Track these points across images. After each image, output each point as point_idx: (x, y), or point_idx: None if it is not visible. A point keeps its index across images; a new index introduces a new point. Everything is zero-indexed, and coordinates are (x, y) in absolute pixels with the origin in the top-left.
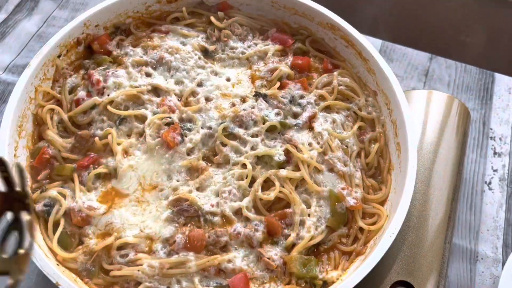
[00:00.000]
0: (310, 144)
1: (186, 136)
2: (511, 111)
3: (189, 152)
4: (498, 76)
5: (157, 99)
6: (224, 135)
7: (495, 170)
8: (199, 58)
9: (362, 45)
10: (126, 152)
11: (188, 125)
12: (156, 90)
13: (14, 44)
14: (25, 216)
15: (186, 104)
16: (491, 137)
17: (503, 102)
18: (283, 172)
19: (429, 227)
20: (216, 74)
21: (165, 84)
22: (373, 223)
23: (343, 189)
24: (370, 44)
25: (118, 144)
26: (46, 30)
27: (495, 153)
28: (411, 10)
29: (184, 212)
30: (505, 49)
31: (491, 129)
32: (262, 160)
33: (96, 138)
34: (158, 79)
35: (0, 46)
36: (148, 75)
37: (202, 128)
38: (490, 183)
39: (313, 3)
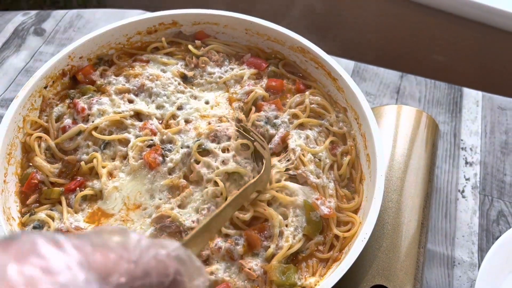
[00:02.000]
0: (280, 161)
1: (167, 157)
2: (479, 123)
3: (171, 171)
4: (466, 91)
5: (139, 123)
6: (199, 152)
7: (467, 179)
8: (179, 83)
9: (331, 66)
10: (110, 174)
11: (169, 146)
12: (138, 115)
13: (3, 80)
14: None
15: (167, 126)
16: (462, 148)
17: (472, 114)
18: (253, 196)
19: (403, 233)
20: (195, 98)
21: (146, 109)
22: (348, 230)
23: (317, 199)
24: (338, 64)
25: (103, 167)
26: (34, 64)
27: (466, 162)
28: (384, 33)
29: (166, 228)
30: (472, 65)
31: (462, 140)
32: (232, 177)
33: (82, 163)
34: (140, 104)
35: None
36: (130, 101)
37: (182, 148)
38: (463, 191)
39: (284, 29)
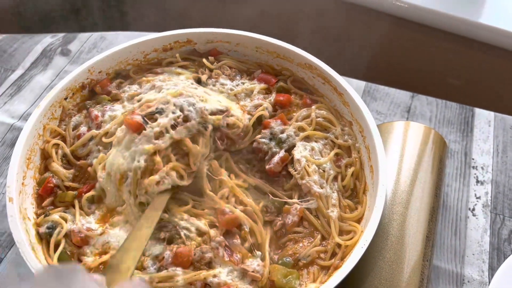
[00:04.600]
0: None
1: (151, 118)
2: (491, 142)
3: (158, 137)
4: (478, 111)
5: None
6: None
7: (478, 197)
8: (192, 83)
9: (337, 81)
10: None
11: (161, 106)
12: None
13: (29, 96)
14: None
15: None
16: (473, 167)
17: (484, 134)
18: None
19: (408, 245)
20: (208, 95)
21: (153, 98)
22: (350, 239)
23: (290, 208)
24: (344, 80)
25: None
26: (58, 82)
27: (477, 181)
28: (397, 56)
29: (163, 228)
30: (487, 88)
31: (473, 159)
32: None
33: (89, 168)
34: (148, 95)
35: (17, 98)
36: (139, 101)
37: (175, 113)
38: (473, 209)
39: (292, 46)
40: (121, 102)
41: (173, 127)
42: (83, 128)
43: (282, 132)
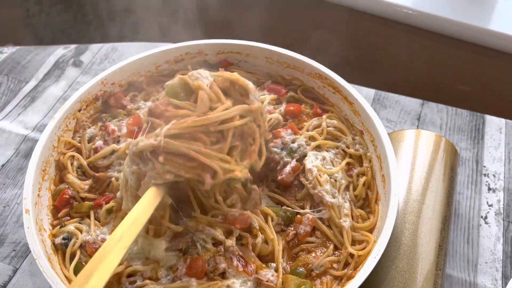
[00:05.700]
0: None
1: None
2: (503, 150)
3: None
4: (488, 118)
5: None
6: None
7: (490, 205)
8: None
9: (347, 91)
10: None
11: None
12: None
13: (42, 107)
14: None
15: None
16: (484, 174)
17: (495, 141)
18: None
19: (420, 254)
20: None
21: None
22: (362, 249)
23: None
24: (354, 89)
25: None
26: (71, 93)
27: (489, 189)
28: (407, 63)
29: (180, 238)
30: (495, 93)
31: (485, 166)
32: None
33: (113, 179)
34: None
35: (30, 109)
36: None
37: None
38: (486, 217)
39: (302, 56)
40: None
41: None
42: (99, 142)
43: (293, 141)
